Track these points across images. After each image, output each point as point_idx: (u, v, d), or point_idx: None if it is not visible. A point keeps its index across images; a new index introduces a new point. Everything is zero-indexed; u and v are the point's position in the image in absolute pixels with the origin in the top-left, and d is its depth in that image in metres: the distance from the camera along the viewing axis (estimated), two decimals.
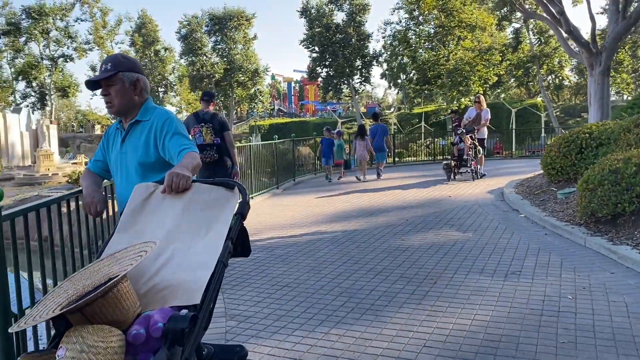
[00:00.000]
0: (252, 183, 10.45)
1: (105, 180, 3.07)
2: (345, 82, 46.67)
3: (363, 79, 47.48)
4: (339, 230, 7.12)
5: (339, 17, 45.23)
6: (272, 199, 10.81)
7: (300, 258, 5.77)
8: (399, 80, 53.55)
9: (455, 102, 33.41)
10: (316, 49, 45.23)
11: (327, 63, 45.75)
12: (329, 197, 10.56)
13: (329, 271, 5.22)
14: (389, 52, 48.43)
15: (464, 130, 11.01)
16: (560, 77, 44.23)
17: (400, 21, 40.72)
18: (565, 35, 12.84)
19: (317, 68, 46.41)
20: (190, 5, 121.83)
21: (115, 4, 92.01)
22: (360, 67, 46.48)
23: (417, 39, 39.03)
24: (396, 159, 19.02)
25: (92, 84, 2.70)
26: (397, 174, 14.94)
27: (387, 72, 54.71)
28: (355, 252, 5.90)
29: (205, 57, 50.24)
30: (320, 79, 48.33)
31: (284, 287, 4.78)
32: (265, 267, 5.50)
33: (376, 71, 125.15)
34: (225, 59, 49.93)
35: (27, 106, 53.80)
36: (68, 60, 55.13)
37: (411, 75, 44.19)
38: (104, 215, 3.23)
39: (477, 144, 11.26)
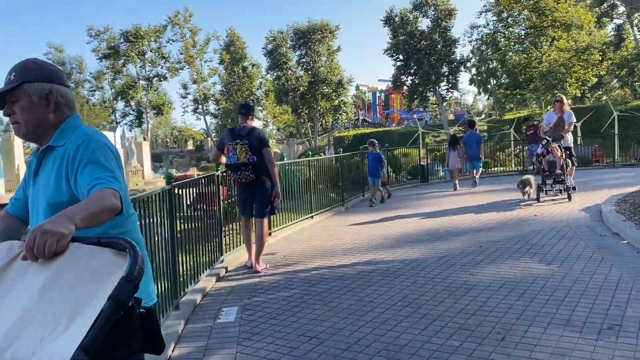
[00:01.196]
0: (311, 201, 9.67)
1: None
2: (432, 89, 45.22)
3: (450, 85, 45.79)
4: (397, 260, 6.15)
5: (424, 23, 43.99)
6: (333, 218, 9.97)
7: (342, 297, 4.89)
8: (489, 86, 51.11)
9: (550, 107, 30.96)
10: (400, 57, 44.27)
11: (412, 71, 44.64)
12: (396, 216, 9.56)
13: (372, 317, 4.30)
14: (477, 57, 46.39)
15: (549, 139, 9.40)
16: None
17: (488, 24, 38.72)
18: None
19: (402, 76, 45.38)
20: (276, 21, 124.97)
21: (204, 24, 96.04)
22: (447, 73, 44.87)
23: (507, 42, 36.85)
24: (482, 170, 17.54)
25: None
26: (480, 187, 13.59)
27: (475, 77, 52.46)
28: (409, 291, 4.93)
29: (290, 71, 50.64)
30: (405, 88, 47.22)
31: (312, 339, 3.93)
32: (299, 308, 4.68)
33: (464, 77, 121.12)
34: (309, 72, 50.08)
35: (126, 124, 57.17)
36: (162, 79, 58.00)
37: (501, 79, 41.85)
38: None
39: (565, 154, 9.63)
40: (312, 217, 9.48)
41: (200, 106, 57.18)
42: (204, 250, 5.95)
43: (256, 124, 49.82)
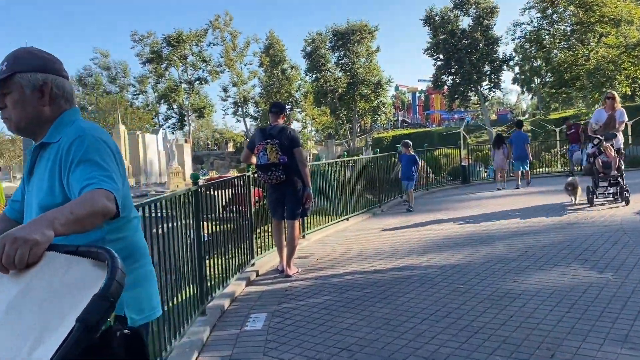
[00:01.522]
0: (347, 202, 9.37)
1: None
2: (473, 89, 44.42)
3: (492, 85, 44.92)
4: (436, 265, 5.81)
5: (465, 22, 43.27)
6: (369, 220, 9.63)
7: (377, 305, 4.60)
8: (533, 85, 49.73)
9: (598, 105, 29.76)
10: (441, 56, 43.79)
11: (452, 70, 44.01)
12: (435, 219, 9.18)
13: (407, 328, 4.00)
14: (520, 55, 45.22)
15: (601, 138, 8.74)
16: None
17: (532, 21, 37.60)
18: None
19: (443, 76, 44.84)
20: (315, 23, 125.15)
21: (244, 27, 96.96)
22: (489, 72, 44.06)
23: (552, 39, 35.69)
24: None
25: None
26: (525, 188, 13.05)
27: (519, 76, 51.16)
28: (448, 299, 4.60)
29: (328, 73, 50.54)
30: (446, 87, 46.52)
31: (343, 351, 3.66)
32: (330, 316, 4.42)
33: (507, 76, 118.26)
34: (348, 73, 49.88)
35: (169, 127, 58.32)
36: (203, 82, 58.80)
37: (546, 78, 40.60)
38: None
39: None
40: (347, 219, 9.19)
41: (240, 108, 57.68)
42: (235, 253, 5.78)
43: (295, 125, 49.68)
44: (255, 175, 5.95)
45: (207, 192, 5.47)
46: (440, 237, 7.40)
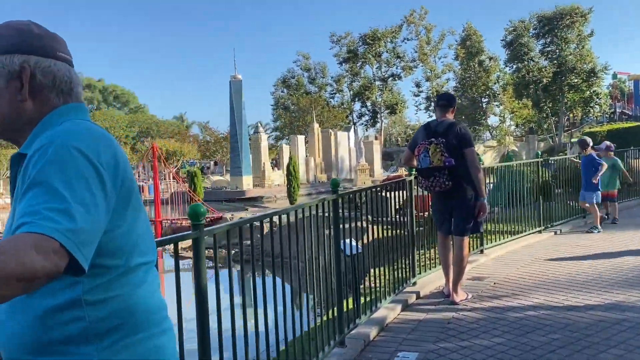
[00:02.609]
0: (542, 210, 7.84)
1: None
2: None
3: None
4: None
5: None
6: (569, 235, 7.84)
7: (567, 359, 3.40)
8: None
9: None
10: None
11: None
12: None
13: None
14: None
15: None
16: None
17: None
18: None
19: None
20: (516, 10, 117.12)
21: (439, 20, 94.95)
22: None
23: None
24: None
25: None
26: None
27: None
28: None
29: (532, 62, 46.80)
30: None
31: None
32: None
33: None
34: (554, 62, 45.56)
35: (362, 124, 59.76)
36: (396, 79, 58.99)
37: None
38: None
39: None
40: (540, 231, 7.69)
41: (432, 104, 56.50)
42: (393, 267, 4.97)
43: (492, 120, 46.80)
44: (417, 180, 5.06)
45: (381, 194, 4.84)
46: None
